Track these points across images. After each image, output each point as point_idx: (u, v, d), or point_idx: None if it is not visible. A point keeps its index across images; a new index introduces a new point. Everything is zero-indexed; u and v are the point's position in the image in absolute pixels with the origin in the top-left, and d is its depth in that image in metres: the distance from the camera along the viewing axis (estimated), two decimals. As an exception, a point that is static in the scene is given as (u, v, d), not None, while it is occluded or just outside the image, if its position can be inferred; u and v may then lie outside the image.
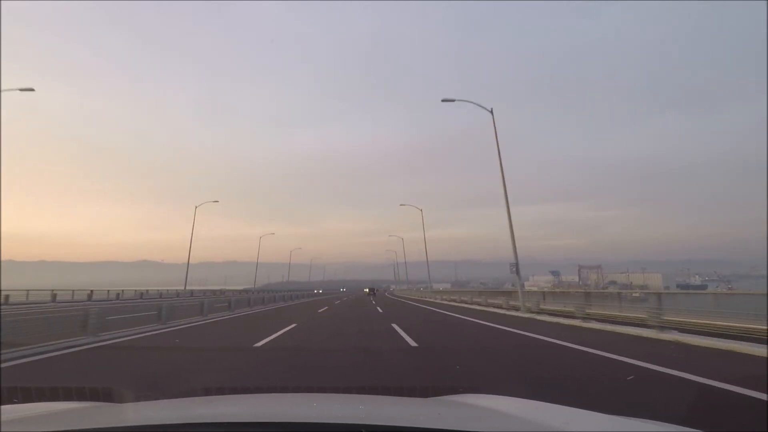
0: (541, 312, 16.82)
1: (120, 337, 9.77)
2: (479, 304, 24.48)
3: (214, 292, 53.48)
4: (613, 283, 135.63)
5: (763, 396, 4.41)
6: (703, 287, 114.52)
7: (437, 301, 34.32)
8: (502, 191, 19.13)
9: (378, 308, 23.90)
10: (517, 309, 18.30)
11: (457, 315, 18.00)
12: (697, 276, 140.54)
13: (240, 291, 62.20)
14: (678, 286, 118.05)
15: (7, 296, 25.03)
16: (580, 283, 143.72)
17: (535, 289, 52.03)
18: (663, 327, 9.87)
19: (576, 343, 8.57)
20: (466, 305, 25.73)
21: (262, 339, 9.65)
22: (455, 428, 1.29)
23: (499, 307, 21.54)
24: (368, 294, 65.42)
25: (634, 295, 18.27)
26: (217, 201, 54.12)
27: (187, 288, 45.58)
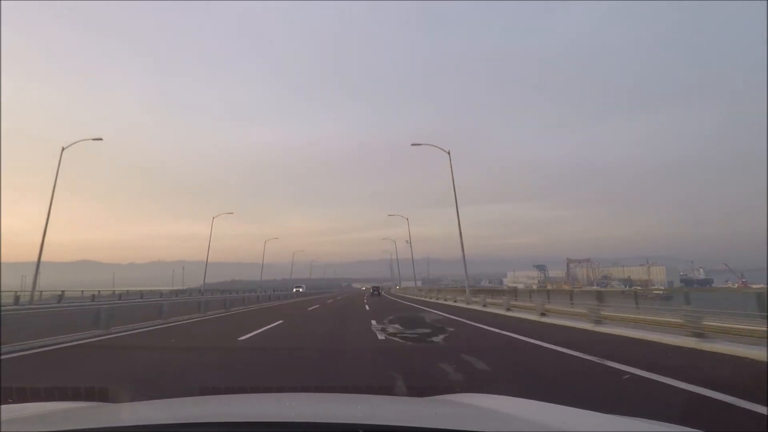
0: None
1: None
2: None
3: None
4: (607, 277, 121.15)
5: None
6: (709, 281, 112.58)
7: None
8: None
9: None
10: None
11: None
12: (701, 269, 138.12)
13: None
14: (682, 281, 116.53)
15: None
16: (568, 278, 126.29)
17: (521, 286, 52.03)
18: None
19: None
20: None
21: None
22: (453, 428, 1.29)
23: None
24: (372, 293, 53.24)
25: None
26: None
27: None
